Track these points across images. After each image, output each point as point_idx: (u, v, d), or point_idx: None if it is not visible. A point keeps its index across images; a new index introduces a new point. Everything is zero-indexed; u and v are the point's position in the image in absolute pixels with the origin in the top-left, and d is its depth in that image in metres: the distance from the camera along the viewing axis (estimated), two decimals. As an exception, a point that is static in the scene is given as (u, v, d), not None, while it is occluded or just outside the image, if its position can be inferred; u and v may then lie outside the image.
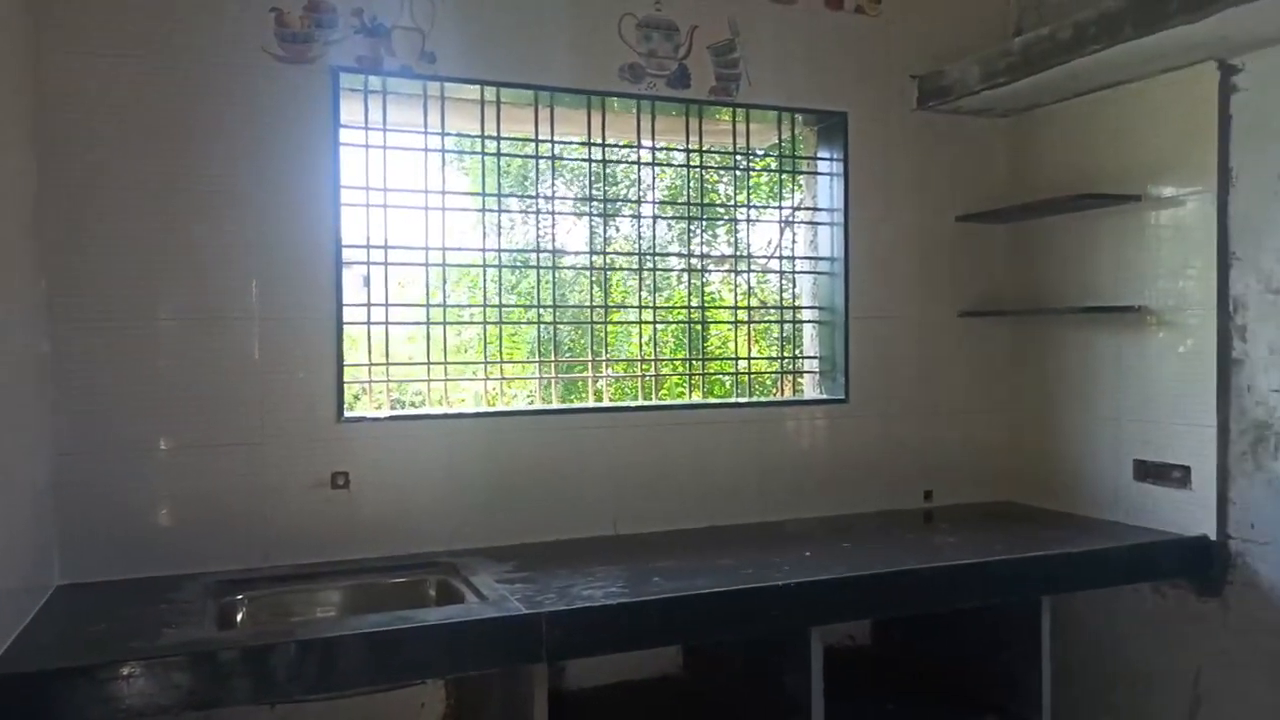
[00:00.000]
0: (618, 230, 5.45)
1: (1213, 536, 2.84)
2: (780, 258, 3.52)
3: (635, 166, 3.41)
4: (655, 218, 3.49)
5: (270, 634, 2.09)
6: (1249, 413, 2.76)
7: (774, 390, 3.86)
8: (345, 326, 2.79)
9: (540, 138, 3.07)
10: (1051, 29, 2.86)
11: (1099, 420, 3.20)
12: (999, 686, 2.93)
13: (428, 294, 3.01)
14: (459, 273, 3.65)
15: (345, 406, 2.77)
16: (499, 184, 3.09)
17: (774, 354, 3.60)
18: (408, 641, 2.04)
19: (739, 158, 3.35)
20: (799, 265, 3.50)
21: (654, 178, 3.45)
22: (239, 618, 2.42)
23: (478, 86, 2.94)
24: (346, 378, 2.79)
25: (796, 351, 3.55)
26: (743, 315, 3.49)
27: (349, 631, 2.03)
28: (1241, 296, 2.77)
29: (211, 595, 2.37)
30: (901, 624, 3.28)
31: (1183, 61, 2.83)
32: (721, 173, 3.67)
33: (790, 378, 3.57)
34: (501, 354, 3.26)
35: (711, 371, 3.68)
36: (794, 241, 3.53)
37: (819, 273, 3.48)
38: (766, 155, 3.57)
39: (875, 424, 3.39)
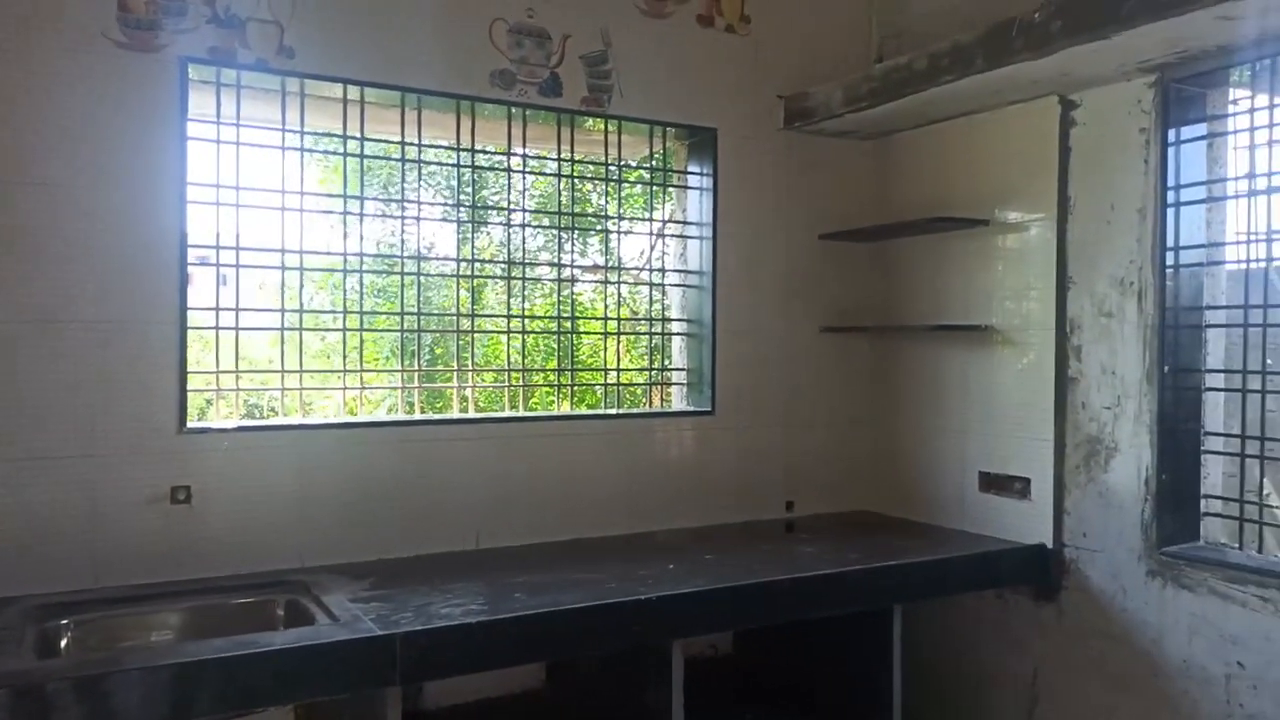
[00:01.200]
0: (489, 237, 5.38)
1: (1050, 544, 3.00)
2: (651, 270, 3.54)
3: (505, 173, 3.36)
4: (526, 226, 3.45)
5: (96, 662, 1.94)
6: (1083, 428, 2.94)
7: (643, 401, 3.88)
8: (193, 330, 2.64)
9: (406, 140, 2.98)
10: (909, 58, 2.98)
11: (948, 433, 3.35)
12: (854, 691, 3.02)
13: (283, 297, 2.88)
14: (321, 276, 3.50)
15: (191, 416, 2.62)
16: (362, 186, 2.99)
17: (644, 365, 3.61)
18: (251, 667, 1.93)
19: (611, 169, 3.35)
20: (669, 277, 3.53)
21: (525, 185, 3.40)
22: (63, 644, 2.24)
23: (340, 85, 2.83)
24: (196, 385, 2.63)
25: (666, 363, 3.57)
26: (613, 326, 3.48)
27: (186, 658, 1.91)
28: (1077, 318, 2.95)
29: (31, 620, 2.18)
30: (762, 632, 3.34)
31: (1028, 95, 3.00)
32: (594, 183, 3.66)
33: (659, 389, 3.59)
34: (362, 361, 3.15)
35: (582, 382, 3.66)
36: (665, 254, 3.55)
37: (688, 285, 3.51)
38: (638, 167, 3.58)
39: (740, 435, 3.44)
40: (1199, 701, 2.61)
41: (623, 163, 3.39)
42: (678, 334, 3.55)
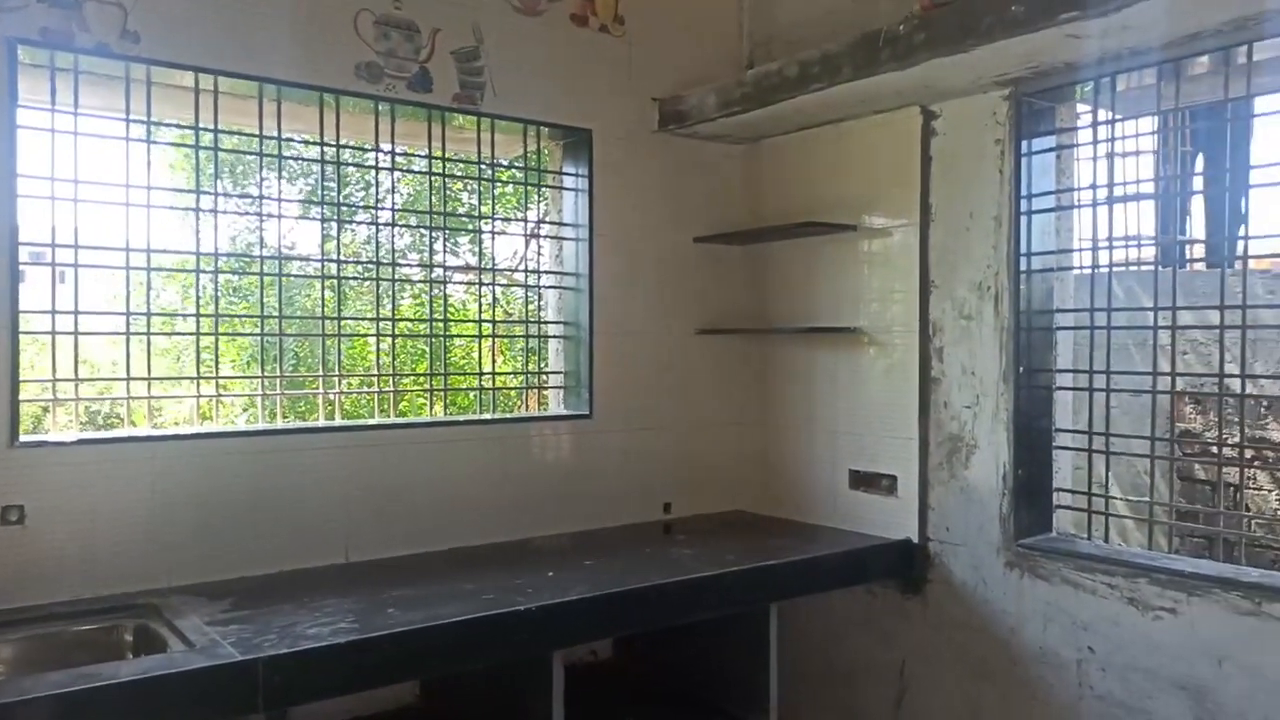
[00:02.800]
0: (354, 236, 5.18)
1: (915, 540, 3.11)
2: (526, 271, 3.48)
3: (372, 170, 3.23)
4: (394, 225, 3.33)
5: (-90, 707, 1.74)
6: (945, 427, 3.06)
7: (518, 405, 3.81)
8: (27, 335, 2.42)
9: (265, 133, 2.83)
10: (780, 65, 3.03)
11: (820, 433, 3.43)
12: (731, 689, 3.04)
13: (128, 297, 2.68)
14: (172, 275, 3.28)
15: (24, 428, 2.40)
16: (216, 180, 2.81)
17: (519, 368, 3.54)
18: (93, 703, 1.78)
19: (483, 168, 3.28)
20: (545, 279, 3.48)
21: (393, 183, 3.29)
22: None
23: (190, 73, 2.65)
24: (30, 393, 2.42)
25: (542, 366, 3.52)
26: (487, 329, 3.41)
27: (16, 696, 1.74)
28: (939, 321, 3.07)
29: None
30: (642, 635, 3.33)
31: (892, 105, 3.10)
32: (465, 181, 3.56)
33: (535, 393, 3.53)
34: (217, 366, 2.97)
35: (455, 387, 3.56)
36: (540, 255, 3.50)
37: (564, 288, 3.47)
38: (511, 166, 3.51)
39: (618, 439, 3.42)
40: (1053, 686, 2.76)
41: (495, 162, 3.31)
42: (554, 337, 3.51)
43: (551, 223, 3.50)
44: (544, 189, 3.50)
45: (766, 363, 3.65)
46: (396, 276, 3.32)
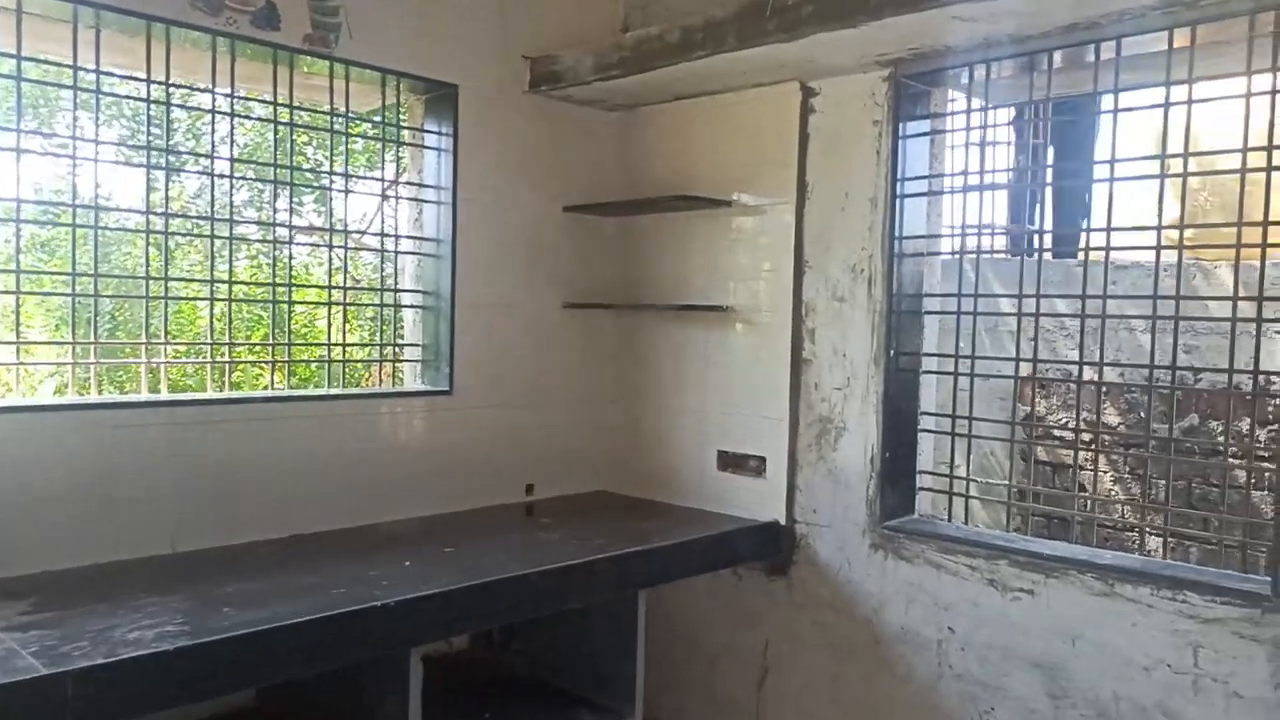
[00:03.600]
0: (183, 188, 4.71)
1: (782, 521, 3.09)
2: (382, 235, 3.22)
3: (209, 114, 2.89)
4: (231, 177, 3.00)
5: None
6: (815, 408, 3.04)
7: (366, 379, 3.56)
8: None
9: (80, 64, 2.46)
10: (662, 30, 2.89)
11: (689, 413, 3.36)
12: (597, 676, 2.94)
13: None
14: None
15: None
16: (19, 115, 2.43)
17: (366, 339, 3.29)
18: None
19: (336, 120, 2.99)
20: (403, 244, 3.23)
21: (231, 129, 2.96)
22: None
23: (-13, -14, 2.27)
24: None
25: (396, 338, 3.28)
26: (337, 295, 3.13)
27: None
28: (812, 301, 3.04)
29: None
30: (503, 624, 3.18)
31: (772, 79, 3.02)
32: (313, 134, 3.26)
33: (389, 366, 3.29)
34: (18, 329, 2.59)
35: (299, 359, 3.27)
36: (395, 218, 3.25)
37: (424, 254, 3.24)
38: (366, 120, 3.24)
39: (479, 416, 3.24)
40: (914, 665, 2.79)
41: (349, 114, 3.03)
42: (411, 306, 3.27)
43: (411, 184, 3.26)
44: (403, 147, 3.25)
45: (636, 340, 3.54)
46: (233, 234, 3.00)
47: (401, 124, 3.19)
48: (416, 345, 3.26)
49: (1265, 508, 3.34)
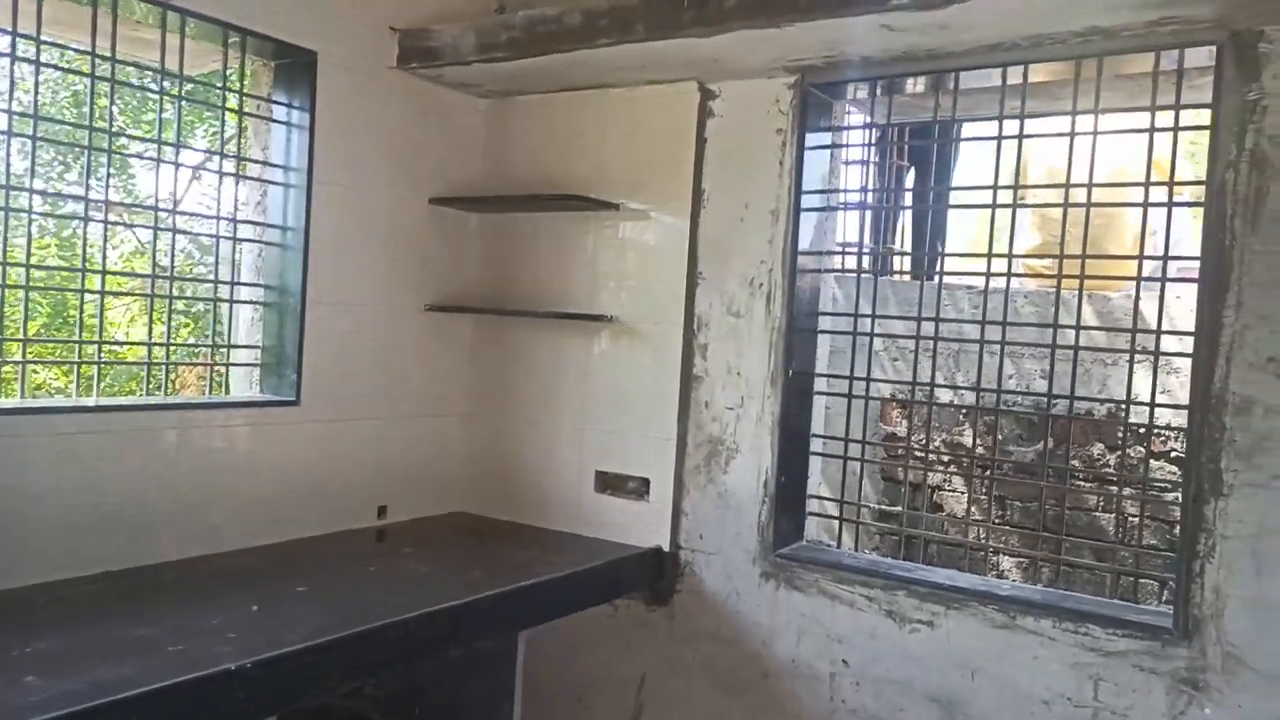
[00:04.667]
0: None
1: (666, 547, 2.90)
2: (218, 218, 2.77)
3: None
4: (13, 135, 2.47)
5: None
6: (705, 428, 2.87)
7: (178, 384, 3.08)
8: None
9: None
10: (561, 12, 2.64)
11: (565, 430, 3.11)
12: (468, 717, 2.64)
13: None
14: None
15: None
16: None
17: (178, 339, 2.83)
18: None
19: (164, 80, 2.54)
20: (242, 231, 2.80)
21: (11, 81, 2.45)
22: None
23: None
24: None
25: (218, 338, 2.84)
26: (154, 287, 2.67)
27: None
28: (705, 315, 2.87)
29: None
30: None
31: (672, 76, 2.84)
32: (122, 97, 2.76)
33: (211, 371, 2.84)
34: None
35: (107, 360, 2.76)
36: (220, 198, 2.81)
37: (267, 243, 2.82)
38: (200, 83, 2.79)
39: (328, 430, 2.85)
40: (804, 700, 2.67)
41: (182, 74, 2.58)
42: (249, 302, 2.84)
43: (254, 161, 2.83)
44: (247, 118, 2.82)
45: (506, 348, 3.25)
46: (12, 206, 2.48)
47: (245, 91, 2.76)
48: (254, 347, 2.84)
49: (1109, 529, 3.49)
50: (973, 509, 3.81)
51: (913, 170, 4.28)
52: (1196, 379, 2.18)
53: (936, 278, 3.59)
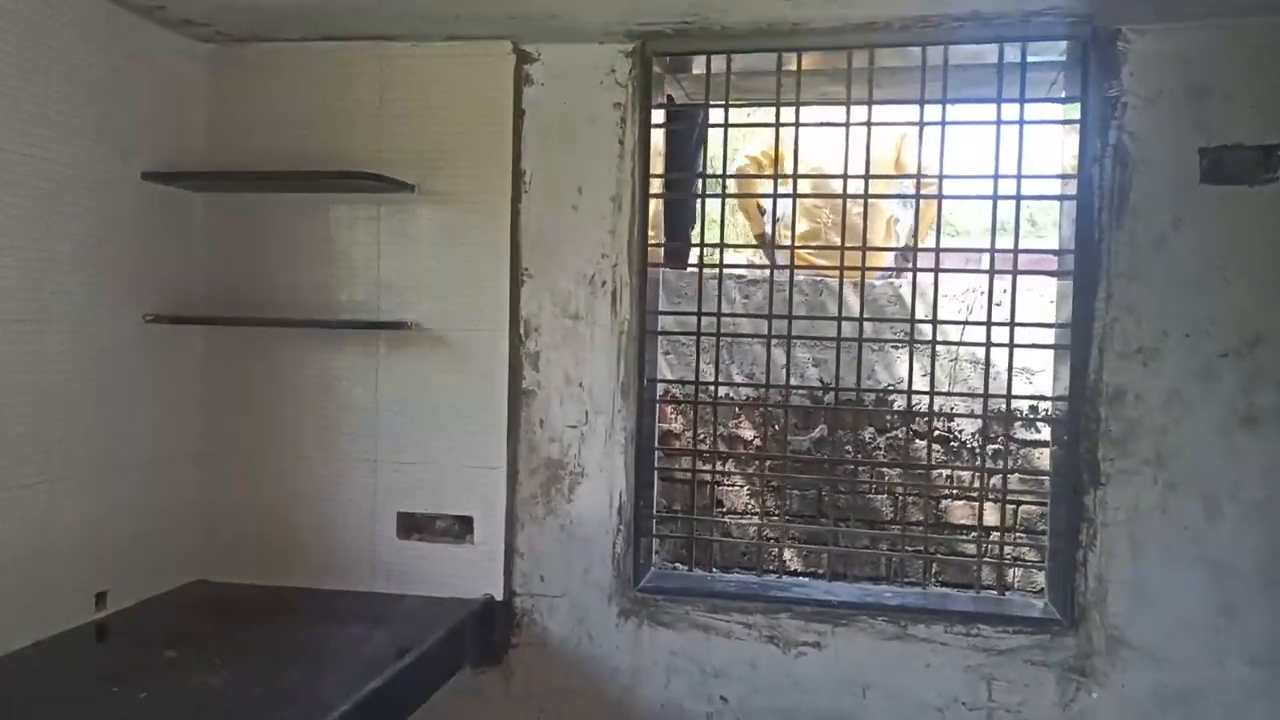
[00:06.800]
0: None
1: (499, 596, 2.44)
2: None
3: None
4: None
5: None
6: (541, 450, 2.45)
7: None
8: None
9: None
10: (359, -66, 2.05)
11: (350, 464, 2.50)
12: None
13: None
14: None
15: None
16: None
17: None
18: None
19: None
20: None
21: None
22: None
23: None
24: None
25: None
26: None
27: None
28: (534, 318, 2.44)
29: None
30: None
31: (481, 31, 2.35)
32: None
33: None
34: None
35: None
36: None
37: (-95, 234, 1.90)
38: None
39: (17, 497, 2.00)
40: (680, 746, 2.39)
41: None
42: (-123, 323, 1.91)
43: None
44: None
45: (257, 368, 2.54)
46: None
47: None
48: (-113, 388, 1.91)
49: (885, 510, 3.61)
50: (752, 502, 3.75)
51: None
52: (1073, 371, 2.21)
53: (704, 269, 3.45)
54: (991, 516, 3.59)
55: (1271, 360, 2.08)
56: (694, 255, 3.68)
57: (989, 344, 2.39)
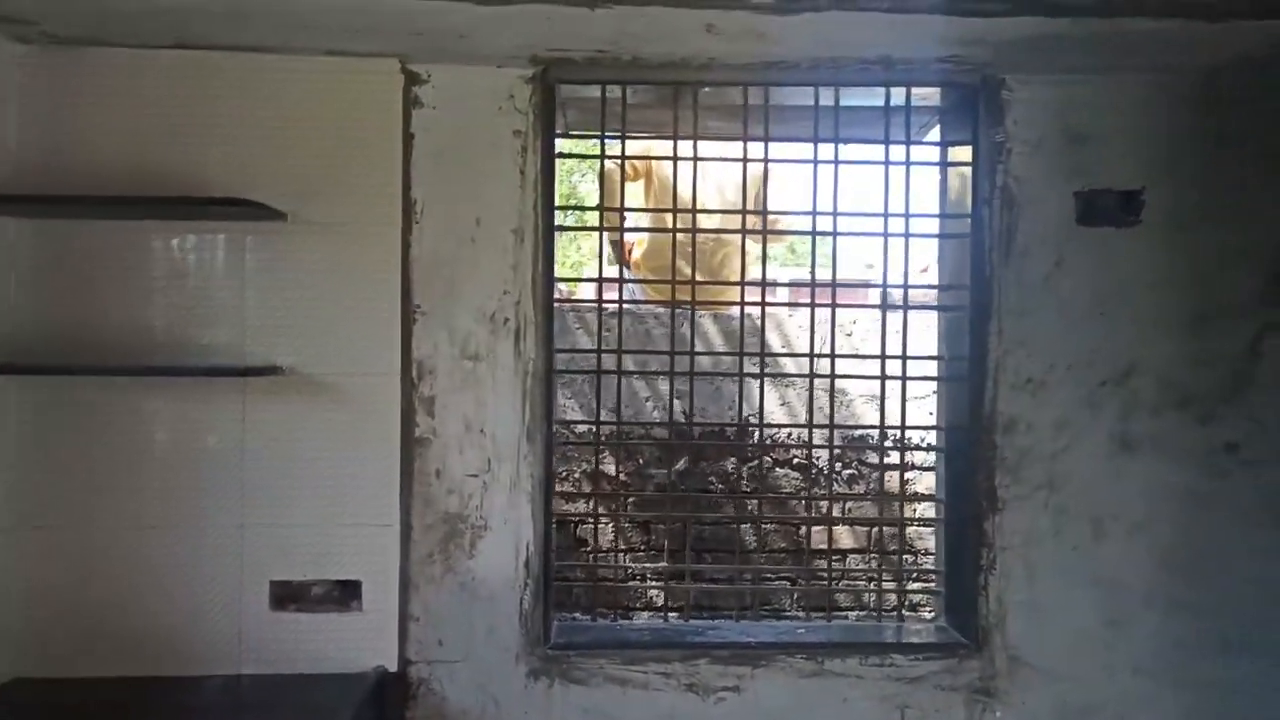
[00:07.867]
0: None
1: (392, 667, 2.21)
2: None
3: None
4: None
5: None
6: (438, 503, 2.25)
7: None
8: None
9: None
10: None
11: (212, 530, 2.18)
12: None
13: None
14: None
15: None
16: None
17: None
18: None
19: None
20: None
21: None
22: None
23: None
24: None
25: None
26: None
27: None
28: (429, 360, 2.25)
29: None
30: None
31: (363, 48, 2.15)
32: None
33: None
34: None
35: None
36: None
37: None
38: None
39: None
40: (598, 811, 2.25)
41: None
42: None
43: None
44: None
45: (89, 423, 2.17)
46: None
47: None
48: None
49: (749, 538, 3.63)
50: (619, 539, 3.67)
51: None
52: (970, 402, 2.30)
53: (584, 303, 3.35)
54: (847, 541, 3.71)
55: (1145, 389, 2.26)
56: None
57: (884, 376, 2.45)
